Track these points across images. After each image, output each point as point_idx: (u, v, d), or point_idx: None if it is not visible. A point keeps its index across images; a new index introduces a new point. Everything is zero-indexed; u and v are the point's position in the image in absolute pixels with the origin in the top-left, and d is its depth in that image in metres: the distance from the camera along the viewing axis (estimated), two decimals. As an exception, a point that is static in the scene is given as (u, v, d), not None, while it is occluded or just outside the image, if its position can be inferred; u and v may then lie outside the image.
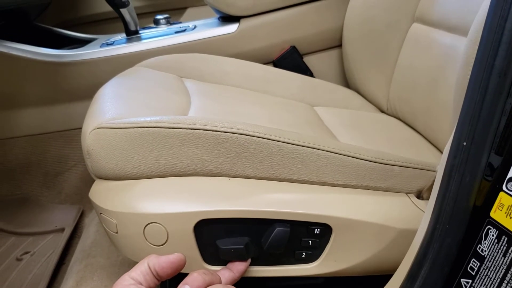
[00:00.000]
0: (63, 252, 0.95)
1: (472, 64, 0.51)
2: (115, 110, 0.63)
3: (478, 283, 0.40)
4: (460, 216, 0.40)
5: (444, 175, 0.42)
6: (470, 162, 0.39)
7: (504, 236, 0.37)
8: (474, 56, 0.51)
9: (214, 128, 0.55)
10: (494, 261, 0.38)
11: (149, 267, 0.48)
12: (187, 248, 0.55)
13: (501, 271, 0.37)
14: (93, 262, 0.86)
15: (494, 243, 0.38)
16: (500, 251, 0.37)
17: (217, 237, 0.55)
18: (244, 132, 0.55)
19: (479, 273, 0.39)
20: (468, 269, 0.40)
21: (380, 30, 0.96)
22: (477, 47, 0.50)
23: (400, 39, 0.91)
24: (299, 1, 1.14)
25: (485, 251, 0.39)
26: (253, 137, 0.55)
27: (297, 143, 0.56)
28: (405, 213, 0.57)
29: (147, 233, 0.54)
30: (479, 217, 0.39)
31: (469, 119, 0.39)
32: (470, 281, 0.40)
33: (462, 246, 0.40)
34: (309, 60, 1.19)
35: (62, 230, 1.02)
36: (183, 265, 0.50)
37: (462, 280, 0.41)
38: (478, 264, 0.39)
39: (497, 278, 0.37)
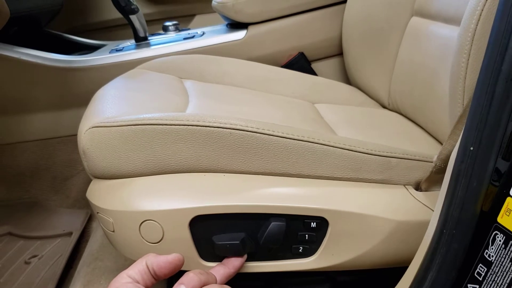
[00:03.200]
0: (70, 255, 0.95)
1: (465, 51, 0.51)
2: (111, 110, 0.64)
3: (485, 289, 0.39)
4: (467, 221, 0.40)
5: (451, 180, 0.42)
6: (477, 167, 0.39)
7: (511, 242, 0.36)
8: (467, 43, 0.51)
9: (207, 124, 0.55)
10: (502, 267, 0.38)
11: (147, 266, 0.48)
12: (183, 244, 0.55)
13: (509, 276, 0.37)
14: (100, 266, 0.87)
15: (502, 249, 0.38)
16: (507, 256, 0.37)
17: (213, 233, 0.55)
18: (238, 127, 0.55)
19: (486, 278, 0.39)
20: (475, 274, 0.40)
21: (380, 25, 0.96)
22: (469, 34, 0.51)
23: (400, 33, 0.91)
24: (306, 8, 1.15)
25: (492, 256, 0.39)
26: (247, 132, 0.55)
27: (291, 137, 0.56)
28: (403, 205, 0.57)
29: (143, 231, 0.55)
30: (486, 222, 0.39)
31: (476, 124, 0.39)
32: (477, 286, 0.40)
33: (469, 251, 0.40)
34: (317, 67, 1.19)
35: (70, 234, 1.03)
36: (181, 265, 0.49)
37: (469, 285, 0.41)
38: (485, 269, 0.39)
39: (505, 284, 0.37)
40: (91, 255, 0.92)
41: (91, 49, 1.27)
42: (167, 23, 1.29)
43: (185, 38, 1.16)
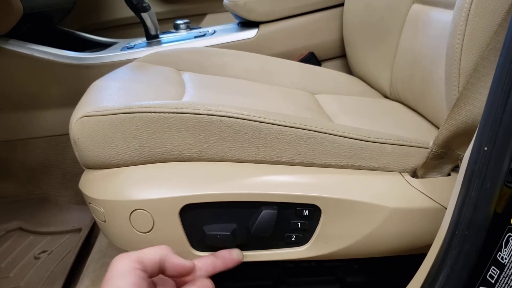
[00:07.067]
0: (79, 251, 0.95)
1: (459, 32, 0.51)
2: (103, 100, 0.63)
3: (498, 291, 0.39)
4: (480, 222, 0.40)
5: (464, 181, 0.41)
6: (491, 167, 0.39)
7: (525, 244, 0.36)
8: (461, 24, 0.50)
9: (196, 111, 0.54)
10: (515, 269, 0.37)
11: (160, 259, 0.46)
12: (173, 233, 0.55)
13: (522, 279, 0.36)
14: (109, 262, 0.85)
15: (515, 251, 0.37)
16: (521, 258, 0.36)
17: (204, 222, 0.55)
18: (228, 114, 0.54)
19: (499, 281, 0.39)
20: (488, 276, 0.40)
21: (380, 14, 0.96)
22: (463, 15, 0.50)
23: (401, 21, 0.90)
24: (317, 7, 1.15)
25: (505, 258, 0.38)
26: (237, 119, 0.54)
27: (282, 123, 0.55)
28: (398, 192, 0.56)
29: (133, 220, 0.55)
30: (500, 224, 0.39)
31: (491, 123, 0.38)
32: (490, 289, 0.39)
33: (481, 253, 0.40)
34: (327, 67, 1.19)
35: (79, 230, 1.03)
36: (189, 273, 0.48)
37: None
38: (498, 272, 0.39)
39: (518, 286, 0.37)
40: (100, 251, 0.92)
41: (103, 46, 1.28)
42: (178, 22, 1.29)
43: (196, 37, 1.16)
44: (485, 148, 0.39)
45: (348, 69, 1.18)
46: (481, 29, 0.50)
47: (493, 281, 0.39)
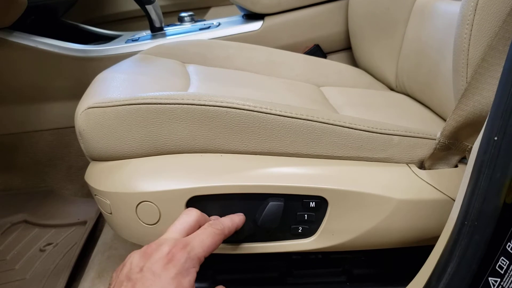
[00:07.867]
0: (85, 244, 0.96)
1: (467, 22, 0.50)
2: (108, 91, 0.63)
3: (507, 282, 0.39)
4: (489, 213, 0.39)
5: (473, 171, 0.41)
6: (501, 158, 0.38)
7: (536, 234, 0.36)
8: (469, 13, 0.50)
9: (202, 103, 0.54)
10: (525, 260, 0.37)
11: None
12: None
13: (532, 269, 0.36)
14: (114, 254, 0.87)
15: (525, 241, 0.37)
16: (531, 249, 0.36)
17: (211, 214, 0.54)
18: (234, 105, 0.54)
19: (508, 271, 0.38)
20: (497, 267, 0.39)
21: (386, 4, 0.95)
22: (472, 4, 0.49)
23: (407, 12, 0.89)
24: (322, -1, 1.14)
25: (515, 249, 0.38)
26: (243, 111, 0.54)
27: (289, 115, 0.54)
28: (405, 183, 0.56)
29: (139, 212, 0.55)
30: (509, 214, 0.39)
31: (501, 113, 0.38)
32: (499, 279, 0.39)
33: (490, 244, 0.40)
34: (332, 59, 1.18)
35: (85, 223, 1.04)
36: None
37: (490, 278, 0.40)
38: (507, 262, 0.39)
39: (528, 277, 0.36)
40: (105, 243, 0.92)
41: (107, 39, 1.28)
42: (183, 14, 1.28)
43: (200, 29, 1.16)
44: (495, 138, 0.38)
45: (354, 62, 1.18)
46: (490, 18, 0.49)
47: (502, 272, 0.39)
